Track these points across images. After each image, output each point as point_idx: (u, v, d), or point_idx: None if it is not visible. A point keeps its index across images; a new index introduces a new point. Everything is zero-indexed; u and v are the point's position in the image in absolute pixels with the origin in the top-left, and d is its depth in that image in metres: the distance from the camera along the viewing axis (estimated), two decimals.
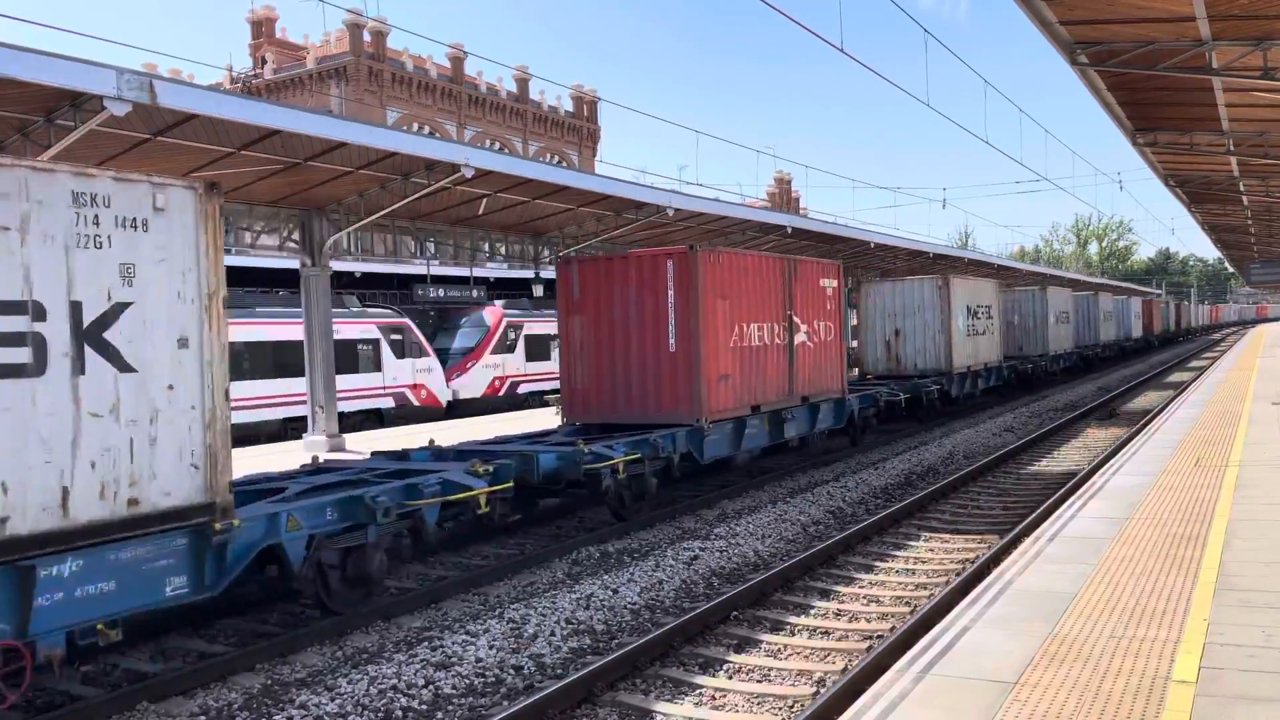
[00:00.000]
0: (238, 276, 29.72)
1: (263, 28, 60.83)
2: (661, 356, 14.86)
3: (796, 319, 17.30)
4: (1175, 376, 40.66)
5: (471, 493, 10.56)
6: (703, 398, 14.63)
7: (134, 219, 7.31)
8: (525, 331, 33.27)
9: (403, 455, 12.93)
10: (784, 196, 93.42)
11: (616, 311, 15.17)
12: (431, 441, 14.38)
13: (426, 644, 8.71)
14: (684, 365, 14.70)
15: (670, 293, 14.76)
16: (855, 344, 30.59)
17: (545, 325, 33.67)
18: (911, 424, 24.38)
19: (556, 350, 35.32)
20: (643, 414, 15.05)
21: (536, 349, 33.68)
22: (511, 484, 11.46)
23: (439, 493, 10.45)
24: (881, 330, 26.21)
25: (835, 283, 18.88)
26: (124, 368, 7.23)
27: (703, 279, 14.63)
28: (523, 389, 33.00)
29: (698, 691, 7.62)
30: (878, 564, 11.51)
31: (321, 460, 12.23)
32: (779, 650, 8.54)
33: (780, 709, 7.26)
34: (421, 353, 29.14)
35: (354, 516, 9.49)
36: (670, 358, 14.80)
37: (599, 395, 15.45)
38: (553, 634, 8.90)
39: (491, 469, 11.20)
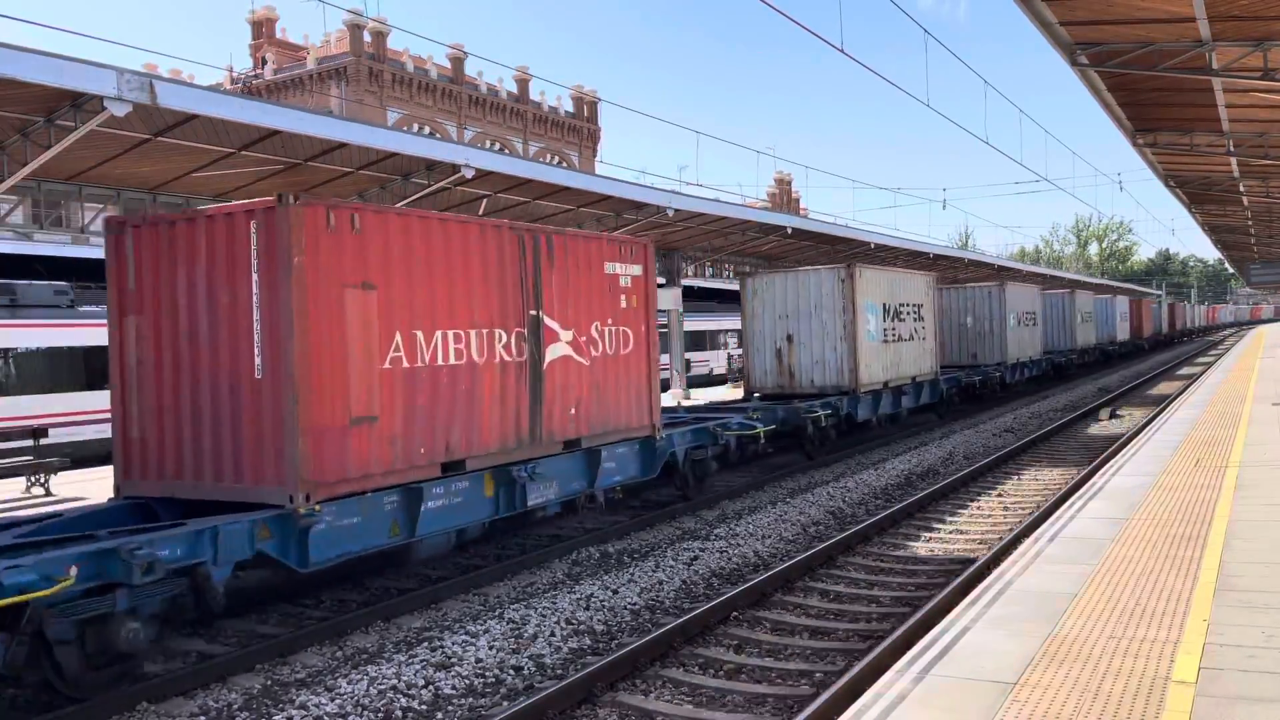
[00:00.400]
0: None
1: (263, 28, 60.88)
2: (242, 387, 9.05)
3: (551, 322, 11.87)
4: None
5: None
6: (304, 459, 8.71)
7: None
8: None
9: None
10: (784, 197, 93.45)
11: (184, 309, 9.44)
12: None
13: (426, 644, 8.71)
14: (272, 402, 8.86)
15: (254, 278, 9.00)
16: (740, 354, 28.67)
17: None
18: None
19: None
20: (216, 486, 9.21)
21: None
22: None
23: None
24: (771, 335, 20.79)
25: (640, 270, 13.61)
26: None
27: (313, 255, 8.89)
28: None
29: (698, 692, 7.62)
30: (878, 564, 11.51)
31: None
32: (779, 650, 8.54)
33: (781, 709, 7.26)
34: None
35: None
36: (254, 389, 8.98)
37: (163, 450, 9.57)
38: (553, 634, 8.90)
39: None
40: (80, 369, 21.62)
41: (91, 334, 21.61)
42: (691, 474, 14.98)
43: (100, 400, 21.46)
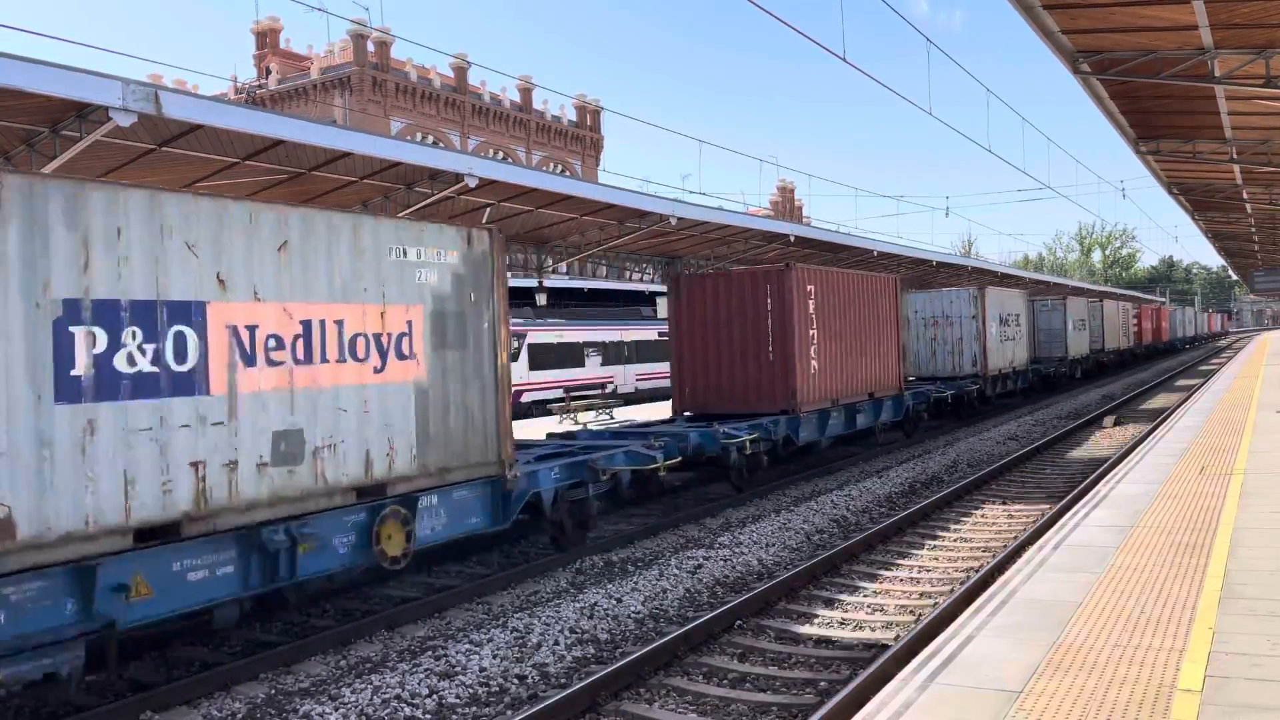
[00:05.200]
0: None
1: (267, 38, 61.07)
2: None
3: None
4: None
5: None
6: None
7: None
8: (529, 340, 33.26)
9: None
10: (787, 205, 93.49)
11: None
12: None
13: (430, 653, 8.70)
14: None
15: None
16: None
17: (549, 334, 33.66)
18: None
19: (559, 358, 35.68)
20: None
21: (540, 358, 33.67)
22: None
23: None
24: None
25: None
26: None
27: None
28: (526, 398, 33.00)
29: (702, 701, 7.60)
30: (882, 572, 11.49)
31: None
32: (783, 659, 8.52)
33: (785, 718, 7.25)
34: None
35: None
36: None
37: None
38: (556, 643, 8.89)
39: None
40: None
41: None
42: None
43: None
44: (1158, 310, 72.99)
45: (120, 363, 7.36)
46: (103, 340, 7.27)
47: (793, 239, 26.37)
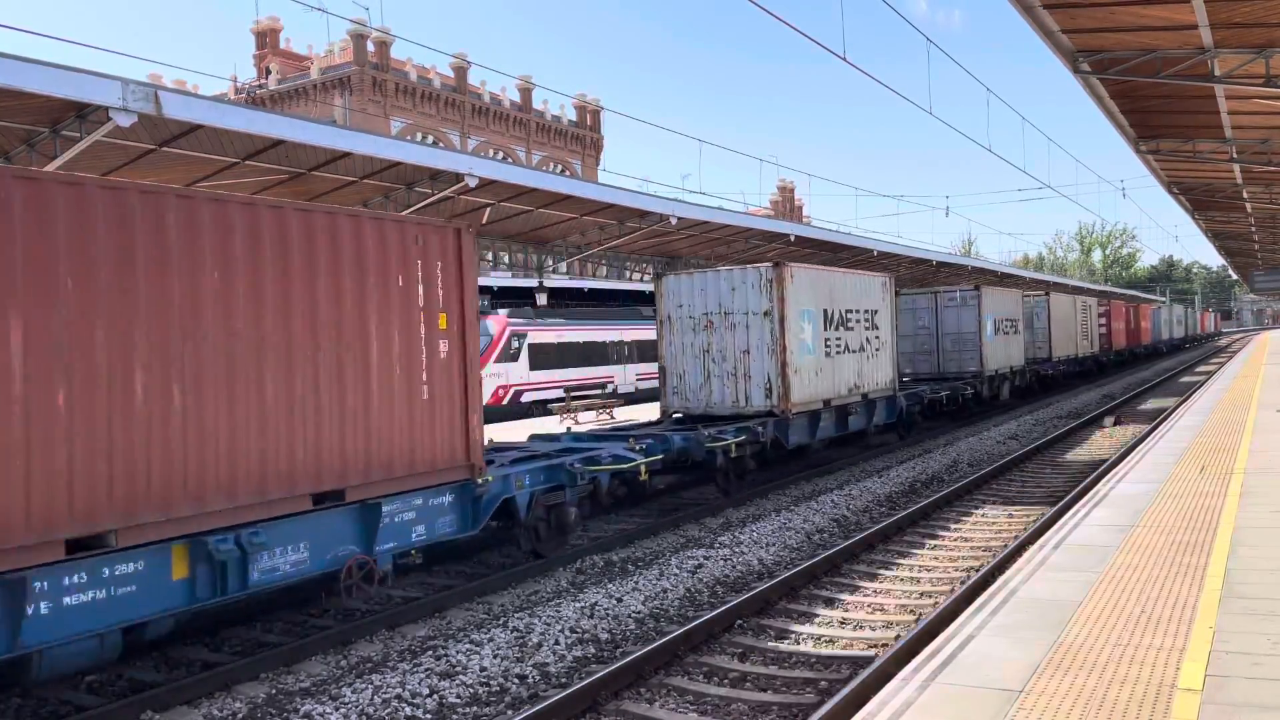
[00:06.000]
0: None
1: (267, 38, 61.08)
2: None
3: None
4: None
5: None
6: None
7: None
8: (529, 340, 33.25)
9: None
10: (787, 204, 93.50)
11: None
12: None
13: (431, 653, 8.70)
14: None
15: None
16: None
17: (549, 334, 33.62)
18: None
19: (559, 358, 35.66)
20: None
21: (540, 358, 33.65)
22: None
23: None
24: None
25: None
26: None
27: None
28: (526, 398, 32.99)
29: (702, 700, 7.61)
30: (882, 572, 11.49)
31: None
32: (783, 659, 8.52)
33: (786, 717, 7.25)
34: None
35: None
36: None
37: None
38: (557, 643, 8.90)
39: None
40: None
41: None
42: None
43: None
44: (1136, 308, 59.76)
45: None
46: None
47: (793, 239, 26.39)
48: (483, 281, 35.38)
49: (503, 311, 33.45)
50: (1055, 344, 36.73)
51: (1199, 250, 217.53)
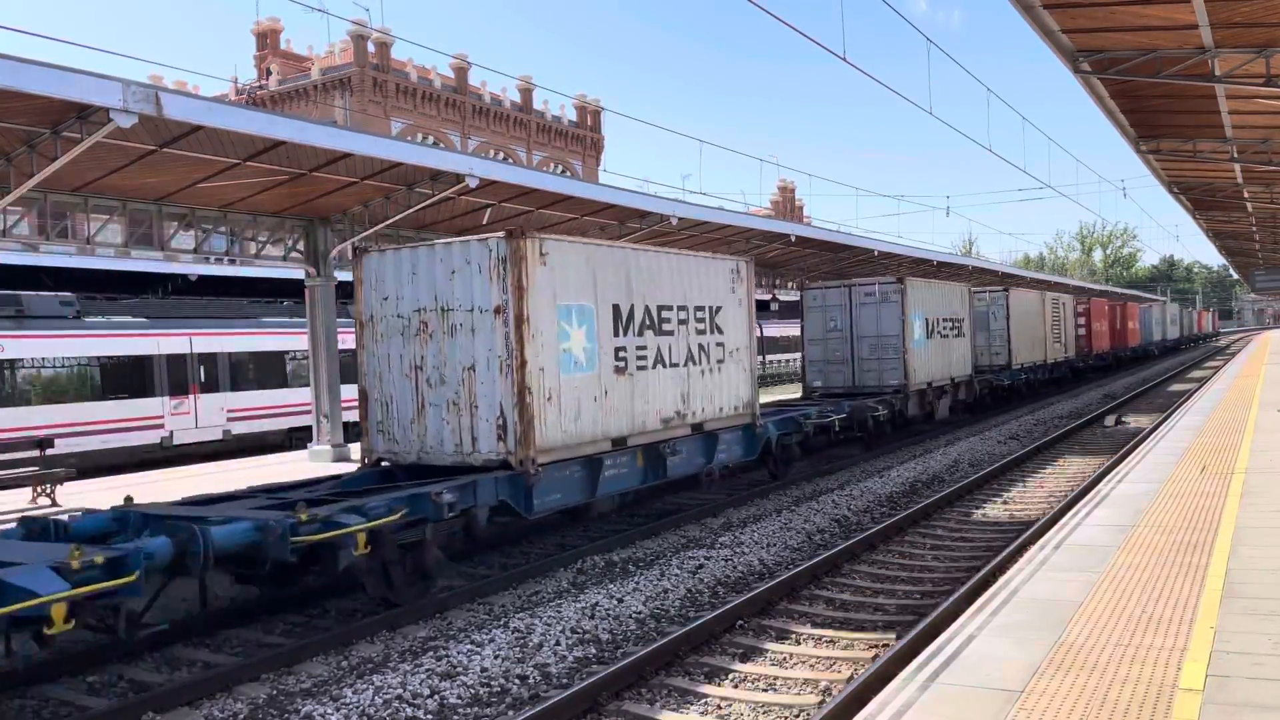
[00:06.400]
0: (241, 287, 29.82)
1: (267, 39, 61.09)
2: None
3: None
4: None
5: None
6: None
7: None
8: None
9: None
10: (787, 205, 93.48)
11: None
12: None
13: (432, 654, 8.70)
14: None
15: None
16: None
17: None
18: None
19: None
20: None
21: None
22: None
23: None
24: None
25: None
26: None
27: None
28: None
29: (703, 701, 7.61)
30: (883, 572, 11.49)
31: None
32: (785, 659, 8.52)
33: (786, 718, 7.25)
34: None
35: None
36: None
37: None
38: (558, 643, 8.90)
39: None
40: (86, 380, 21.66)
41: (97, 345, 21.67)
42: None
43: (106, 411, 21.51)
44: (1122, 307, 53.83)
45: None
46: None
47: (793, 239, 26.38)
48: None
49: None
50: (1017, 349, 31.37)
51: (1200, 250, 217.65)
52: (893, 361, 22.28)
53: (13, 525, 9.50)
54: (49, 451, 18.61)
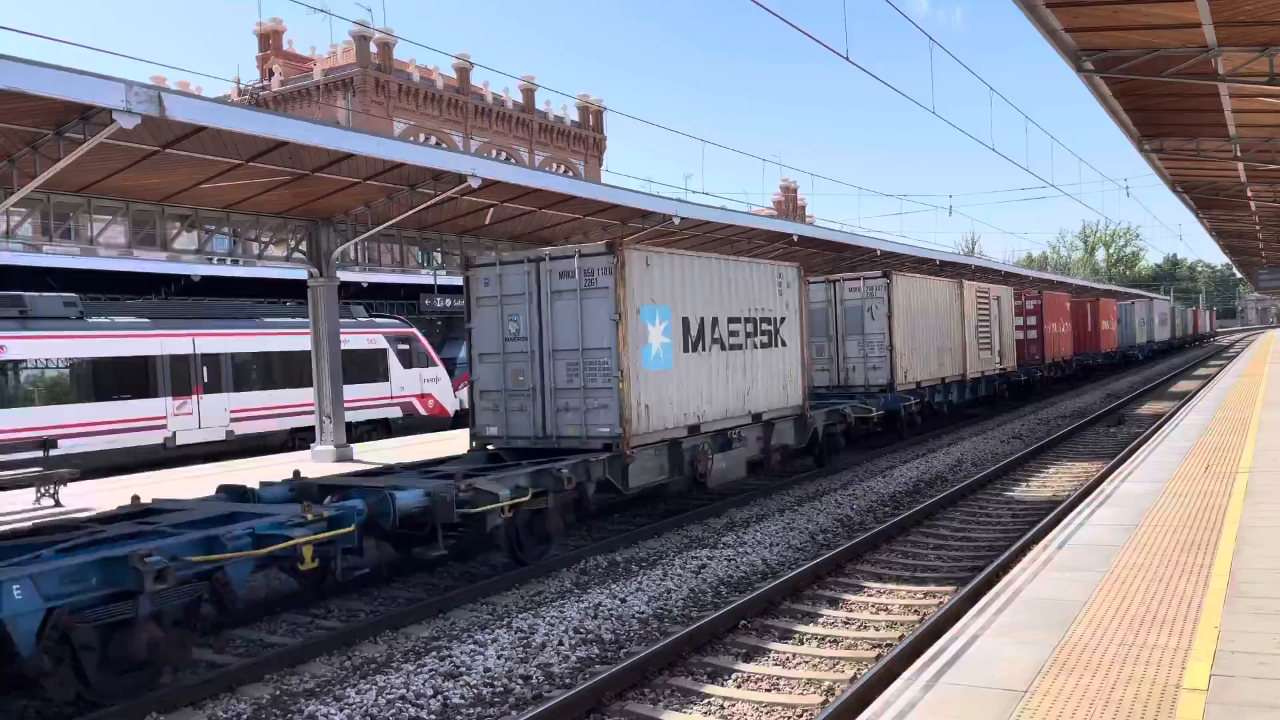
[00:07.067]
0: (243, 287, 29.83)
1: (270, 40, 61.11)
2: None
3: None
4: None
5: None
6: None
7: None
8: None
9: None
10: (790, 204, 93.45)
11: None
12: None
13: (435, 654, 8.71)
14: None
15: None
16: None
17: None
18: None
19: None
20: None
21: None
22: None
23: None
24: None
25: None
26: None
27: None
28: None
29: (706, 701, 7.60)
30: (886, 571, 11.48)
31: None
32: (788, 659, 8.52)
33: (789, 718, 7.24)
34: (429, 362, 29.11)
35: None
36: None
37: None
38: (561, 643, 8.90)
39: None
40: (89, 381, 21.66)
41: (100, 345, 21.67)
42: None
43: (109, 411, 21.51)
44: (1094, 304, 44.99)
45: None
46: None
47: (796, 238, 26.36)
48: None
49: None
50: (906, 362, 22.72)
51: (1203, 249, 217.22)
52: (603, 392, 13.20)
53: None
54: (52, 453, 18.63)
